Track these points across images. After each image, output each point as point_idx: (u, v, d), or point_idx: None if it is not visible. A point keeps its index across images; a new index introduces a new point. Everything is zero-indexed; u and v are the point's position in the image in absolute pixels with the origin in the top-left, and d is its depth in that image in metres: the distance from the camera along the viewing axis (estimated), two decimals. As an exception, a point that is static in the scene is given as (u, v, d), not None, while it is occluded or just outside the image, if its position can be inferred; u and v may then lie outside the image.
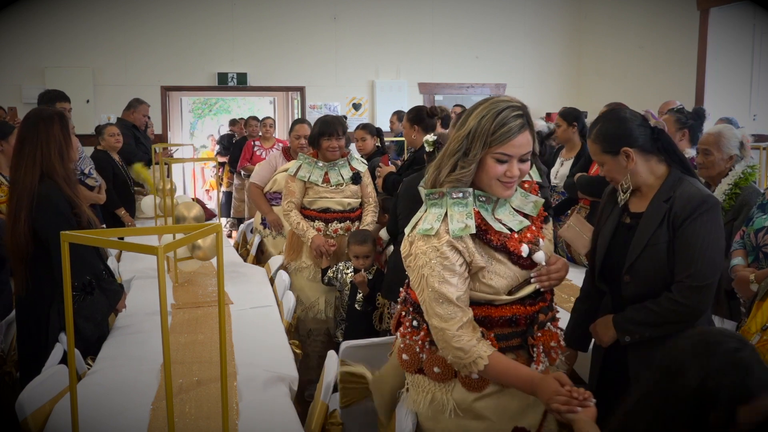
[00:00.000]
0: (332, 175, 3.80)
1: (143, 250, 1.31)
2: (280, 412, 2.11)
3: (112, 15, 7.96)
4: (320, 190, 3.78)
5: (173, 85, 8.34)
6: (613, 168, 2.04)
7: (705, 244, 1.90)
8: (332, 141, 3.75)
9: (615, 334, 2.03)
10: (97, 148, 5.38)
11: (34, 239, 2.59)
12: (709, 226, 1.92)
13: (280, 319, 3.04)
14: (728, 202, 2.87)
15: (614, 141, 2.01)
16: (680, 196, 1.95)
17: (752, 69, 7.16)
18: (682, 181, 1.99)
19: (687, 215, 1.92)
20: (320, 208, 3.79)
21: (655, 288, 1.96)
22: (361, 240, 3.57)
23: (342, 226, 3.81)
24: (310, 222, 3.79)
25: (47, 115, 2.68)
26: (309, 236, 3.72)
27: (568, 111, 4.58)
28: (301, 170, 3.80)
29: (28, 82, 7.66)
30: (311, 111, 8.55)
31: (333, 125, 3.76)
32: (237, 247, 4.89)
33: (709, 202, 1.93)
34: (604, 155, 2.04)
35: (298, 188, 3.79)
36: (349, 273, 3.62)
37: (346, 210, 3.83)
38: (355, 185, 3.86)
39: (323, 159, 3.82)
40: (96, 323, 2.70)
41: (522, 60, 9.05)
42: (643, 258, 1.97)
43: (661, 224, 1.95)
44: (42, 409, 2.09)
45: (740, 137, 2.99)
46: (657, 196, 2.00)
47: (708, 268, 1.90)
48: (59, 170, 2.64)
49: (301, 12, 8.40)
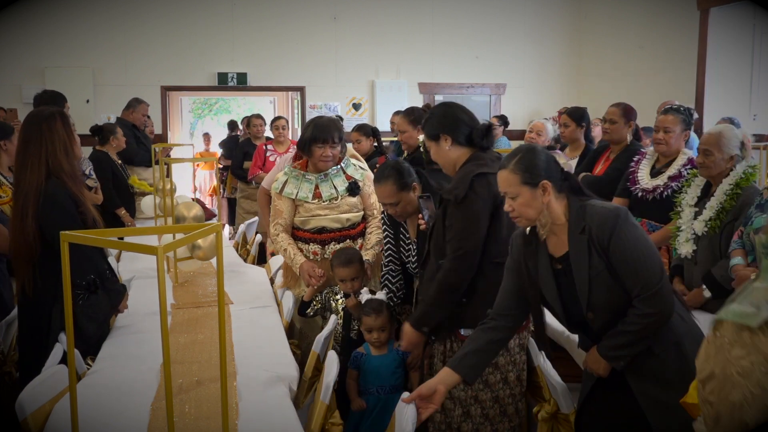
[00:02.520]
0: (324, 188, 3.24)
1: (143, 250, 1.31)
2: (280, 412, 2.11)
3: (112, 15, 7.95)
4: (312, 208, 3.23)
5: (173, 85, 8.34)
6: (529, 201, 2.01)
7: (638, 252, 1.92)
8: (326, 149, 3.17)
9: (607, 365, 2.03)
10: (96, 148, 5.37)
11: (42, 238, 2.60)
12: (631, 235, 1.94)
13: (280, 319, 3.04)
14: (729, 203, 2.87)
15: (537, 174, 2.00)
16: (591, 221, 1.96)
17: (752, 69, 7.16)
18: (585, 208, 2.00)
19: (608, 236, 1.93)
20: (314, 228, 3.24)
21: (619, 311, 1.97)
22: (345, 261, 3.06)
23: (341, 246, 3.24)
24: (305, 245, 3.26)
25: (48, 114, 2.69)
26: (297, 264, 3.19)
27: (577, 111, 4.58)
28: (288, 186, 3.26)
29: (28, 82, 7.66)
30: (311, 111, 8.55)
31: (328, 130, 3.17)
32: (237, 247, 4.89)
33: (620, 212, 1.96)
34: (522, 186, 2.00)
35: (286, 207, 3.26)
36: (339, 299, 3.15)
37: (345, 227, 3.26)
38: (353, 197, 3.27)
39: (314, 169, 3.26)
40: (98, 323, 2.71)
41: (522, 60, 9.05)
42: (594, 292, 1.97)
43: (590, 254, 1.95)
44: (42, 408, 2.09)
45: (741, 137, 2.99)
46: (571, 232, 2.00)
47: (652, 272, 1.92)
48: (66, 167, 2.65)
49: (301, 12, 8.40)
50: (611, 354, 2.00)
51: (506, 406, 2.54)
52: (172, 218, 3.79)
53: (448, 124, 2.52)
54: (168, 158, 4.62)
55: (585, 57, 9.09)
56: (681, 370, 1.94)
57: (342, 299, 3.11)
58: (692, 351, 1.99)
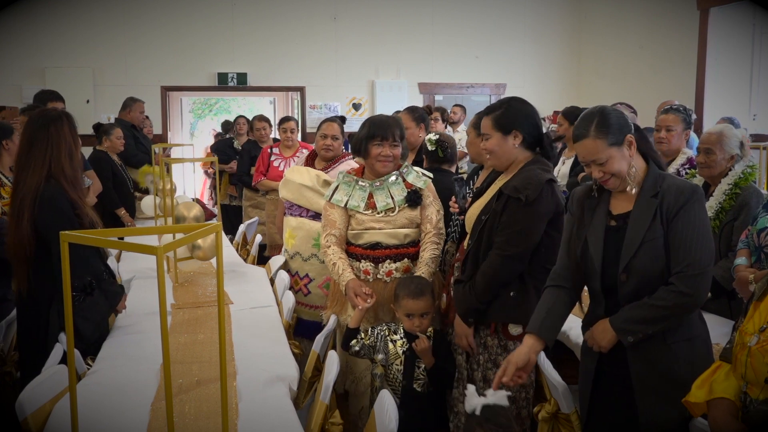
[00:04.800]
0: (378, 197, 2.84)
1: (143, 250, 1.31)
2: (280, 412, 2.10)
3: (112, 15, 7.96)
4: (364, 219, 2.83)
5: (173, 85, 8.34)
6: (619, 160, 2.00)
7: (699, 232, 1.93)
8: (385, 147, 2.82)
9: (614, 338, 2.00)
10: (97, 148, 5.38)
11: (36, 239, 2.60)
12: (701, 215, 1.96)
13: (280, 319, 3.04)
14: (728, 202, 2.88)
15: (620, 130, 2.00)
16: (668, 189, 1.97)
17: (752, 69, 7.16)
18: (664, 176, 2.02)
19: (680, 206, 1.94)
20: (368, 244, 2.83)
21: (651, 284, 1.96)
22: (416, 291, 2.55)
23: (398, 266, 2.83)
24: (356, 262, 2.86)
25: (56, 116, 2.68)
26: (343, 280, 2.79)
27: (571, 110, 4.60)
28: (338, 193, 2.90)
29: (28, 82, 7.66)
30: (311, 111, 8.56)
31: (388, 126, 2.83)
32: (237, 247, 4.89)
33: (698, 191, 1.98)
34: (610, 148, 1.99)
35: (339, 216, 2.87)
36: (399, 339, 2.63)
37: (402, 244, 2.84)
38: (413, 208, 2.84)
39: (371, 173, 2.90)
40: (95, 324, 2.70)
41: (522, 60, 9.05)
42: (639, 256, 1.96)
43: (654, 219, 1.95)
44: (42, 408, 2.09)
45: (741, 137, 2.99)
46: (643, 193, 2.00)
47: (705, 255, 1.93)
48: (68, 171, 2.65)
49: (301, 12, 8.40)
50: (625, 326, 1.97)
51: (521, 409, 2.53)
52: (172, 218, 3.79)
53: (524, 122, 2.50)
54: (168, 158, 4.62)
55: (585, 57, 9.09)
56: (688, 367, 1.93)
57: (403, 340, 2.59)
58: (702, 353, 1.99)
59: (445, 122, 6.40)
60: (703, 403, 1.74)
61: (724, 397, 1.69)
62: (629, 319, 1.97)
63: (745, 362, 1.64)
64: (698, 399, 1.75)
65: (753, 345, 1.63)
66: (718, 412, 1.68)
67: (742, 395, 1.68)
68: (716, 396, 1.71)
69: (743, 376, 1.66)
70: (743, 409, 1.67)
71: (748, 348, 1.64)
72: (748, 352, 1.64)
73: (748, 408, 1.66)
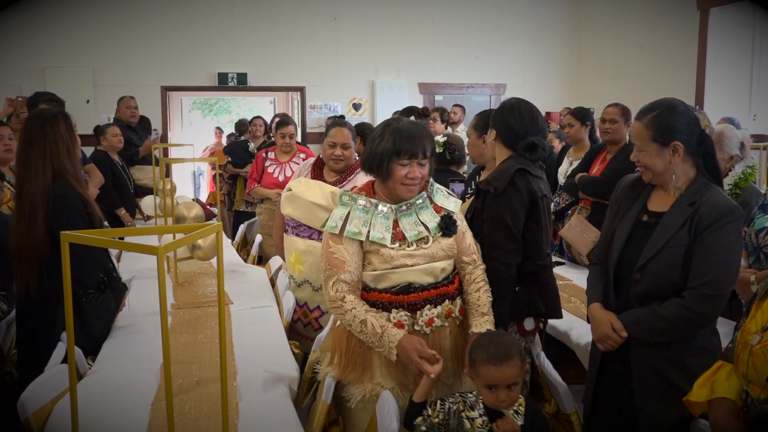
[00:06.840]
0: (406, 224, 2.15)
1: (143, 250, 1.31)
2: (280, 412, 2.10)
3: (112, 15, 7.96)
4: (393, 255, 2.11)
5: (173, 85, 8.34)
6: (655, 158, 1.99)
7: (725, 254, 1.88)
8: (413, 167, 2.11)
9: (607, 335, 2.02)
10: (97, 148, 5.39)
11: (51, 240, 2.59)
12: (732, 237, 1.90)
13: (280, 319, 3.04)
14: (728, 203, 2.87)
15: (669, 133, 1.97)
16: (707, 202, 1.93)
17: (752, 69, 7.17)
18: (709, 188, 1.97)
19: (711, 222, 1.89)
20: (397, 287, 2.13)
21: (663, 290, 1.94)
22: (502, 355, 1.88)
23: (439, 311, 2.16)
24: (383, 313, 2.12)
25: (52, 115, 2.69)
26: (393, 341, 2.02)
27: (581, 111, 4.56)
28: (352, 222, 2.14)
29: (28, 82, 7.66)
30: (311, 111, 8.56)
31: (417, 139, 2.11)
32: (237, 248, 4.89)
33: (736, 212, 1.92)
34: (651, 143, 1.98)
35: (351, 255, 2.13)
36: (477, 417, 1.92)
37: (440, 282, 2.17)
38: (448, 237, 2.19)
39: (390, 196, 2.18)
40: (106, 322, 2.72)
41: (522, 60, 9.06)
42: (658, 258, 1.94)
43: (682, 227, 1.93)
44: (44, 408, 2.09)
45: (741, 138, 2.99)
46: (681, 199, 1.98)
47: (724, 278, 1.89)
48: (69, 168, 2.66)
49: (301, 12, 8.41)
50: (632, 330, 1.97)
51: None
52: (173, 218, 3.79)
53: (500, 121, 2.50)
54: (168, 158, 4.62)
55: (585, 57, 9.10)
56: (691, 378, 1.89)
57: (483, 419, 1.91)
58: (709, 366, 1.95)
59: (445, 122, 6.40)
60: (703, 403, 1.74)
61: (725, 396, 1.69)
62: (636, 323, 1.97)
63: (747, 361, 1.65)
64: (699, 398, 1.75)
65: (755, 344, 1.63)
66: (719, 411, 1.68)
67: (743, 394, 1.68)
68: (718, 396, 1.71)
69: (745, 375, 1.66)
70: (744, 409, 1.67)
71: (750, 347, 1.64)
72: (750, 351, 1.64)
73: (749, 407, 1.66)
